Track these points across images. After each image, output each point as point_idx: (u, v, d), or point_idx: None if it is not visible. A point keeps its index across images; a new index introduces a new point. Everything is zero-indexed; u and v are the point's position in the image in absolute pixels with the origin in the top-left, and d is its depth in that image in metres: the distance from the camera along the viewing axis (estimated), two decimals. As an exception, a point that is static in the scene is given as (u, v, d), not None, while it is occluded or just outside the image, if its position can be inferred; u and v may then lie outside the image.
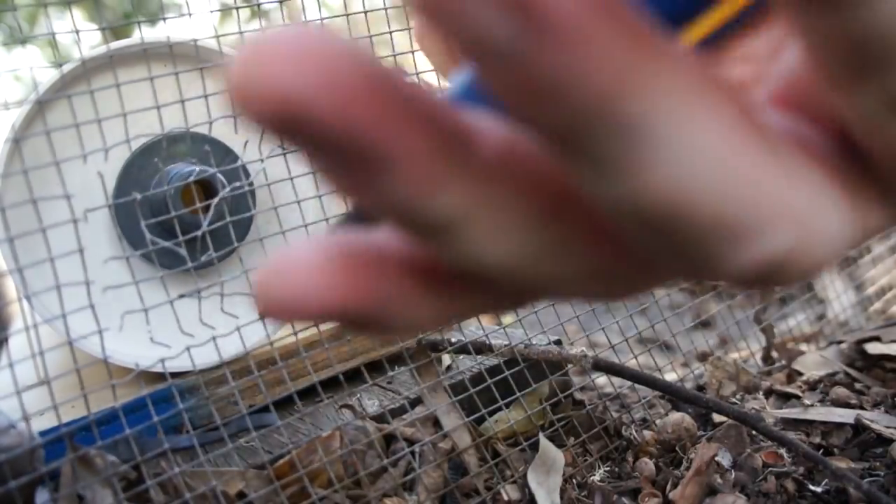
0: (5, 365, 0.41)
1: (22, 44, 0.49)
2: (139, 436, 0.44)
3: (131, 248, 0.52)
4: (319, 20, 0.54)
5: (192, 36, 0.51)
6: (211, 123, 0.48)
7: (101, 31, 0.49)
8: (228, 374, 0.49)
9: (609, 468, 0.52)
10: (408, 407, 0.54)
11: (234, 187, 0.50)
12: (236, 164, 0.51)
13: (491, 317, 0.71)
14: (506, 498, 0.48)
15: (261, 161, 0.51)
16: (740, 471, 0.49)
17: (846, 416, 0.54)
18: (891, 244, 0.89)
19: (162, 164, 0.53)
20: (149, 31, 0.49)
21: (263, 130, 0.10)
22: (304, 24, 0.10)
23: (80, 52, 0.49)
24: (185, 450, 0.48)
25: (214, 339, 0.47)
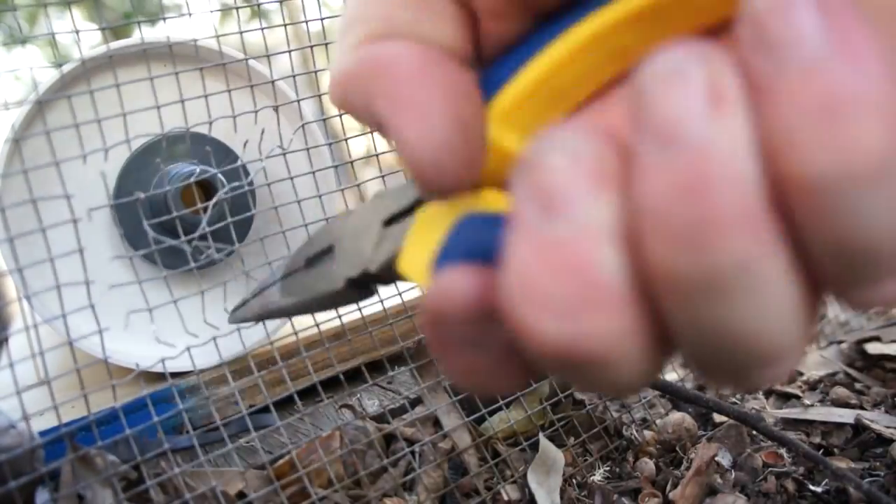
0: (5, 365, 0.41)
1: (22, 44, 0.49)
2: (139, 436, 0.44)
3: (132, 248, 0.52)
4: (319, 20, 0.54)
5: (192, 36, 0.50)
6: (211, 123, 0.48)
7: (100, 31, 0.48)
8: (228, 374, 0.49)
9: (609, 468, 0.52)
10: (408, 407, 0.54)
11: (234, 187, 0.50)
12: (236, 164, 0.51)
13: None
14: (506, 498, 0.48)
15: (261, 161, 0.51)
16: (740, 471, 0.49)
17: (846, 416, 0.54)
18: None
19: (162, 165, 0.53)
20: (149, 31, 0.49)
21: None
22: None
23: (79, 52, 0.49)
24: (185, 450, 0.48)
25: (215, 339, 0.47)
